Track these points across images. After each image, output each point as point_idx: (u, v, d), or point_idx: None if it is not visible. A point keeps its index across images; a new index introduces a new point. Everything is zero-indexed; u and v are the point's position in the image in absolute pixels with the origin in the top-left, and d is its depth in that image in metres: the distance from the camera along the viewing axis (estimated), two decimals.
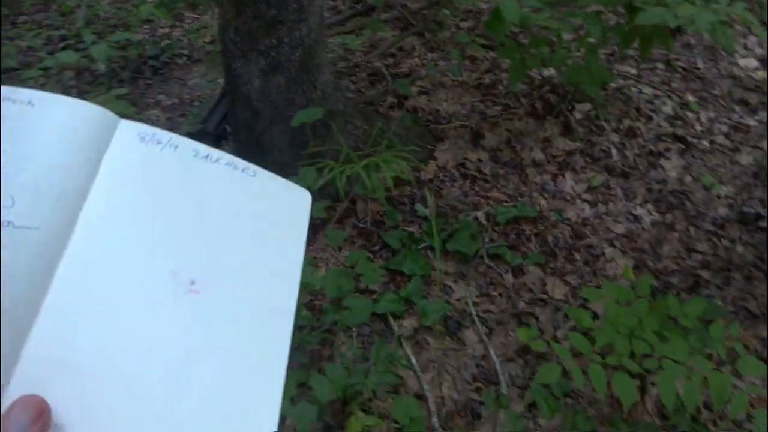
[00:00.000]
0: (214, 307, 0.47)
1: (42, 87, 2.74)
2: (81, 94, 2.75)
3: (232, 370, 0.46)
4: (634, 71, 2.89)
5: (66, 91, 2.77)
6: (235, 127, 2.21)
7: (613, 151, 2.52)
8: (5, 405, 0.37)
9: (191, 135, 0.62)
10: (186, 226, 0.49)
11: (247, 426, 0.44)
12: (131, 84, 3.07)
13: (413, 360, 1.79)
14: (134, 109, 2.69)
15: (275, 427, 0.45)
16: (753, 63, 3.01)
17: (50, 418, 0.38)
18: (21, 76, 2.93)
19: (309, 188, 0.59)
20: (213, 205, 0.52)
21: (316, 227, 2.07)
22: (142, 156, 0.50)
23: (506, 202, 2.32)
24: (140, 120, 0.53)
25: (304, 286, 1.67)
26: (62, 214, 0.44)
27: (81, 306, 0.42)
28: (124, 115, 0.53)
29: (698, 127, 2.61)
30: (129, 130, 0.51)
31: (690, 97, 2.74)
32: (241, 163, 0.54)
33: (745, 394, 1.37)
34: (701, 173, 2.39)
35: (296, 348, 1.68)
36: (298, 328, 1.66)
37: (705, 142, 2.53)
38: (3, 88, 0.47)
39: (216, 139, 2.24)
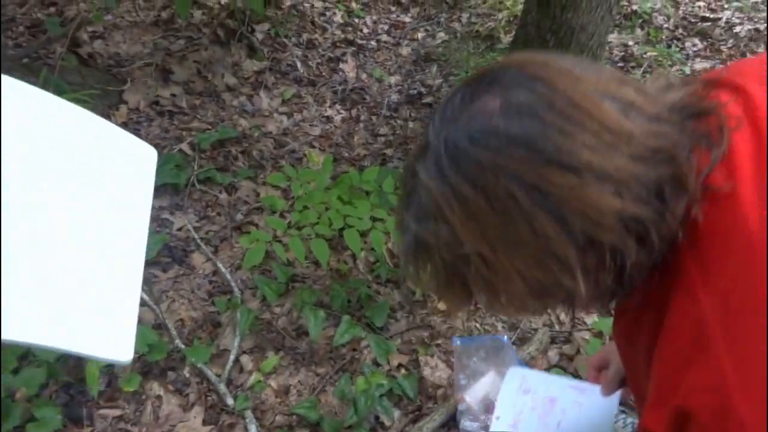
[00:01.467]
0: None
1: None
2: None
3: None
4: None
5: None
6: None
7: (298, 64, 2.72)
8: None
9: None
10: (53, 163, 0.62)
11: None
12: None
13: (145, 296, 1.80)
14: None
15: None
16: None
17: None
18: None
19: None
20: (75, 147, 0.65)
21: None
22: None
23: (209, 129, 2.37)
24: None
25: None
26: None
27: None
28: None
29: (365, 30, 2.94)
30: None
31: (354, 5, 3.05)
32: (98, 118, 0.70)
33: None
34: (373, 69, 2.72)
35: None
36: None
37: (373, 42, 2.87)
38: None
39: None
